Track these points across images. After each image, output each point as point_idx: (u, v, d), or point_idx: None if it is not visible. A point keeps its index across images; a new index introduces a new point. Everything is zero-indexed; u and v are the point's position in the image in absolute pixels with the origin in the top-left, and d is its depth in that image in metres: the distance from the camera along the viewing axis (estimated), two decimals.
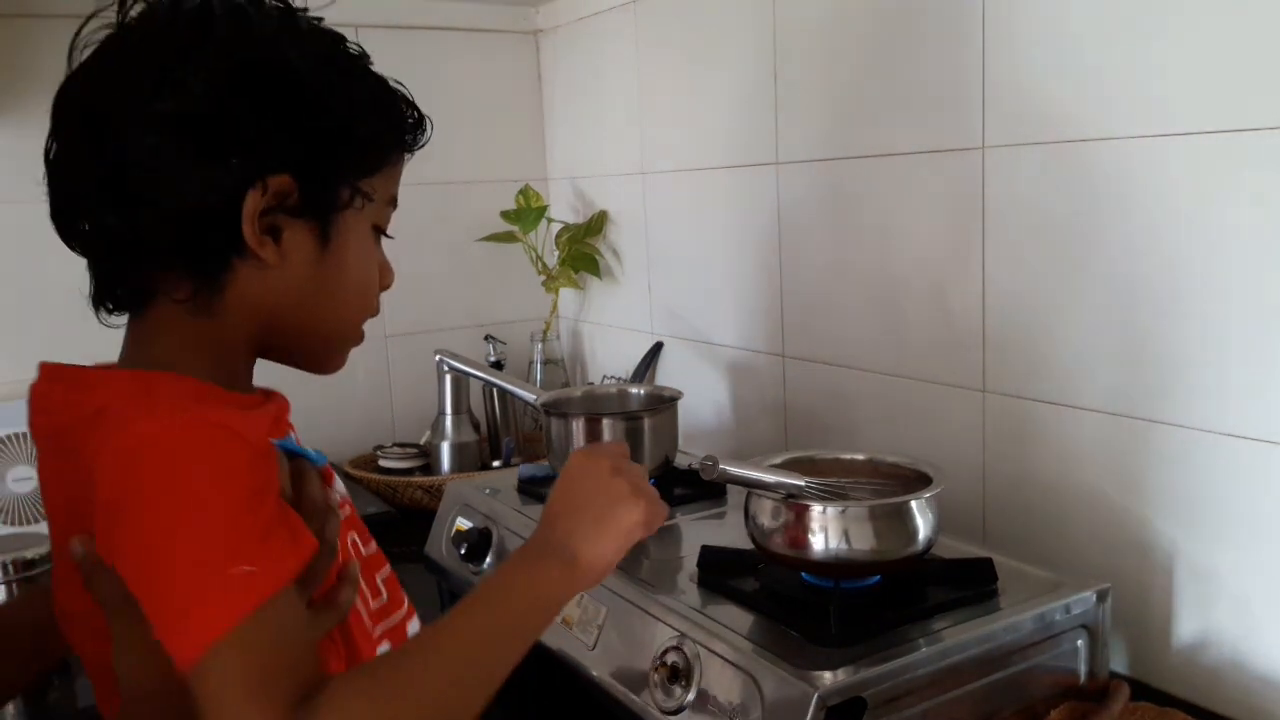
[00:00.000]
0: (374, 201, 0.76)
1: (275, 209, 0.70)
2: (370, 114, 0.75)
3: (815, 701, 0.84)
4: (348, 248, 0.75)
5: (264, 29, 0.71)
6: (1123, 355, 1.11)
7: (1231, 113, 0.98)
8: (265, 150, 0.69)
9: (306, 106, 0.71)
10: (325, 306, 0.76)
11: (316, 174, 0.72)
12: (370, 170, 0.75)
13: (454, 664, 0.68)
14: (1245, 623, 1.05)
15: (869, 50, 1.36)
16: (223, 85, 0.68)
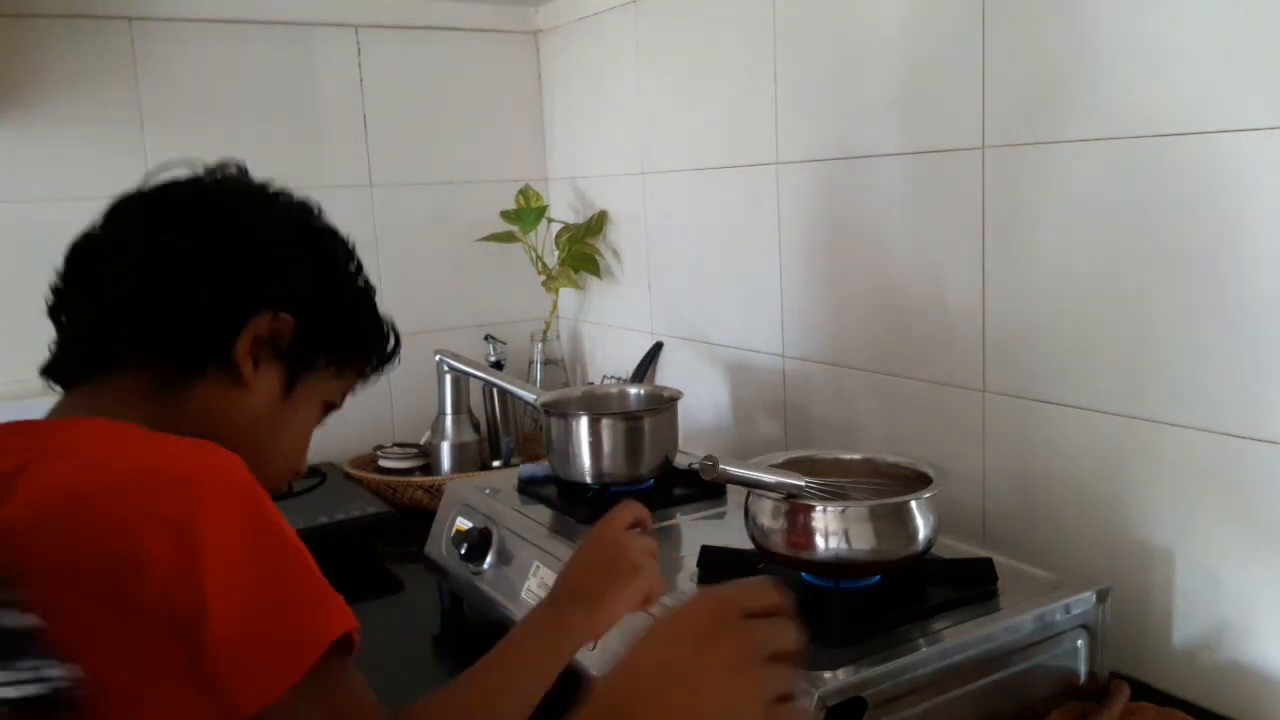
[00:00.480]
0: (336, 380, 0.87)
1: (268, 340, 0.79)
2: (369, 320, 0.88)
3: (816, 701, 0.84)
4: (300, 402, 0.84)
5: (285, 198, 0.85)
6: (1122, 355, 1.11)
7: (1238, 111, 0.98)
8: (289, 287, 0.80)
9: (328, 275, 0.83)
10: (266, 440, 0.83)
11: (310, 334, 0.81)
12: (346, 360, 0.86)
13: (498, 694, 0.81)
14: (1245, 622, 1.05)
15: (869, 50, 1.36)
16: (279, 227, 0.82)
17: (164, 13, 1.70)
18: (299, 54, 1.82)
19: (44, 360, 0.81)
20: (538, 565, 1.21)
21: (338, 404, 0.89)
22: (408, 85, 1.98)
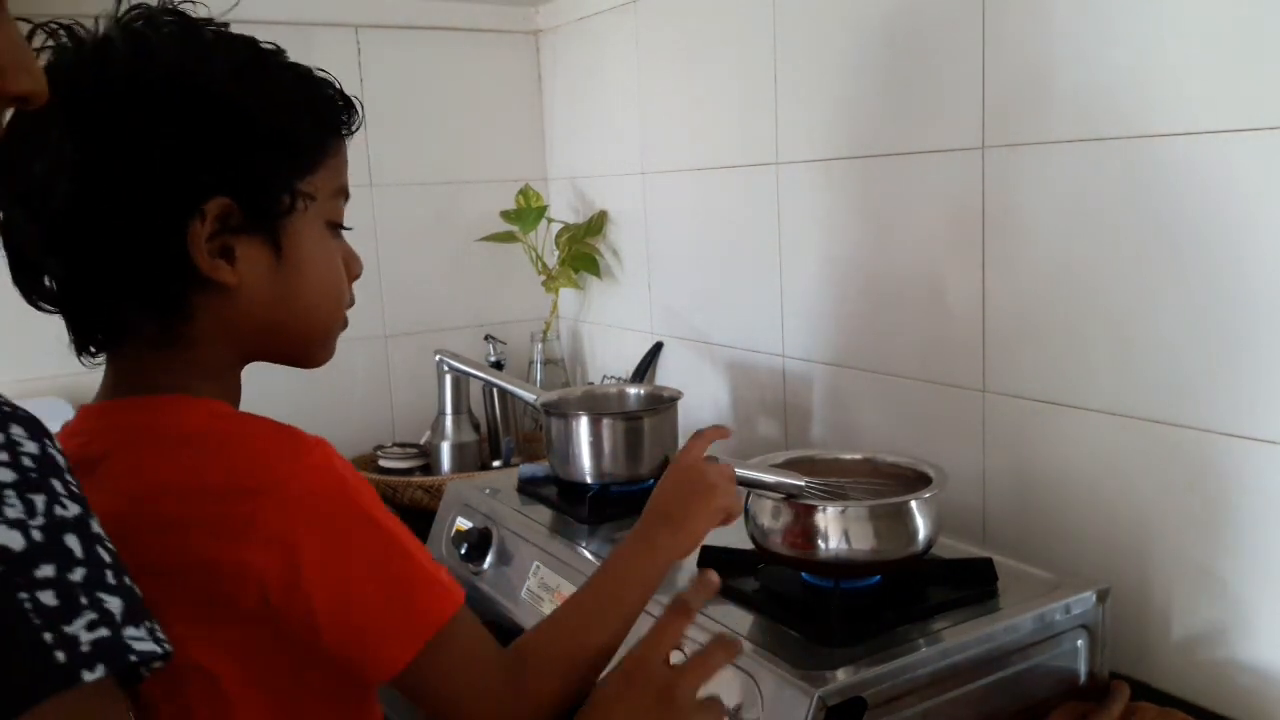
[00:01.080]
0: (318, 199, 0.76)
1: (221, 231, 0.71)
2: (293, 115, 0.74)
3: (815, 701, 0.84)
4: (302, 250, 0.76)
5: (166, 56, 0.70)
6: (1122, 355, 1.11)
7: (1238, 111, 0.98)
8: (194, 178, 0.69)
9: (225, 124, 0.70)
10: (294, 311, 0.77)
11: (253, 188, 0.72)
12: (307, 169, 0.75)
13: (602, 613, 0.84)
14: (1245, 622, 1.05)
15: (869, 50, 1.36)
16: (136, 124, 0.68)
17: None
18: (299, 54, 1.80)
19: (70, 340, 0.76)
20: (538, 565, 1.21)
21: (340, 217, 0.80)
22: (408, 85, 1.98)
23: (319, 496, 0.69)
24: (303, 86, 0.75)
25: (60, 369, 1.61)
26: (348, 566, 0.69)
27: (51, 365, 1.61)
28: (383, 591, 0.70)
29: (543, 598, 1.17)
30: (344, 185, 0.79)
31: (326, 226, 0.78)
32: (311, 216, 0.76)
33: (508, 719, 0.76)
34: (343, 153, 0.79)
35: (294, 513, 0.67)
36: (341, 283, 0.80)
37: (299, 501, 0.68)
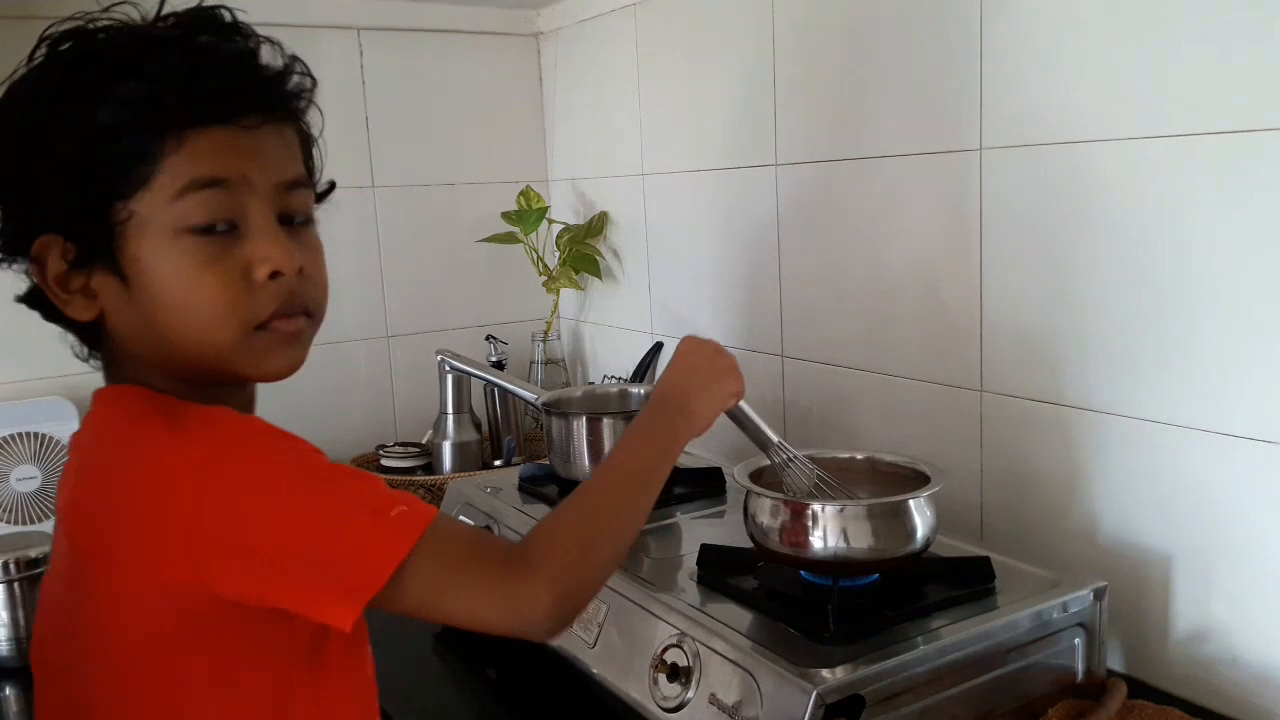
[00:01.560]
0: (149, 215, 0.68)
1: (74, 267, 0.69)
2: (101, 133, 0.66)
3: (814, 699, 0.85)
4: (146, 272, 0.68)
5: (21, 85, 0.69)
6: (1119, 355, 1.11)
7: (1230, 114, 0.99)
8: (21, 218, 0.69)
9: (31, 159, 0.67)
10: (164, 333, 0.70)
11: (72, 220, 0.67)
12: (133, 186, 0.67)
13: (617, 493, 0.82)
14: (1242, 620, 1.05)
15: (867, 53, 1.36)
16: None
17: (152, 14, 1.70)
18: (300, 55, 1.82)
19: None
20: None
21: (206, 216, 0.68)
22: (409, 87, 1.99)
23: (224, 477, 0.66)
24: (132, 90, 0.66)
25: (61, 369, 1.61)
26: (279, 532, 0.66)
27: (52, 365, 1.62)
28: (325, 553, 0.66)
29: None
30: (204, 176, 0.68)
31: (180, 234, 0.68)
32: (153, 234, 0.68)
33: (519, 605, 0.71)
34: (197, 145, 0.68)
35: (203, 493, 0.66)
36: (208, 296, 0.69)
37: (208, 480, 0.66)
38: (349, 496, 0.68)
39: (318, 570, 0.66)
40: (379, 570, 0.65)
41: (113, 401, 0.73)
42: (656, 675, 0.98)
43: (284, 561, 0.65)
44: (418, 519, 0.67)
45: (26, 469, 1.59)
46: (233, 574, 0.65)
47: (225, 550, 0.65)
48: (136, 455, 0.68)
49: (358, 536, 0.66)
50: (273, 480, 0.66)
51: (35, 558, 1.28)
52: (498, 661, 1.32)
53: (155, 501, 0.65)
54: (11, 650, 1.28)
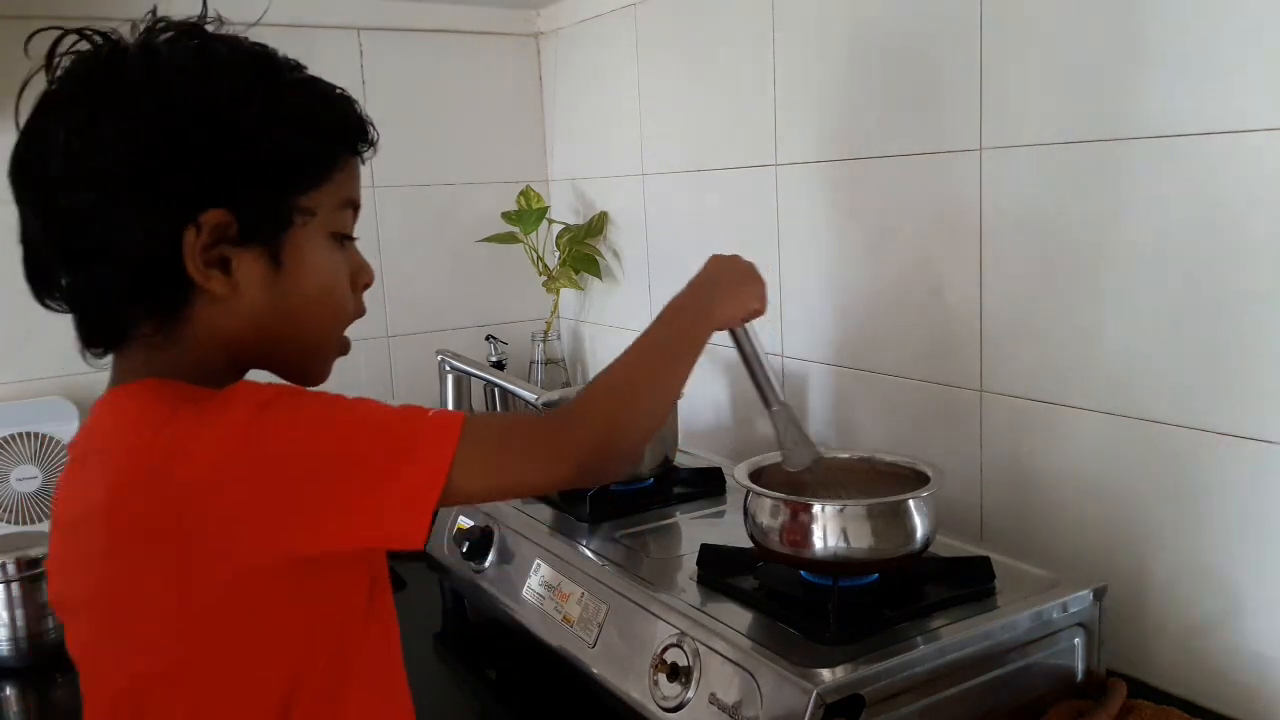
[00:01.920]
0: (321, 213, 0.76)
1: (217, 242, 0.72)
2: (299, 132, 0.74)
3: (814, 699, 0.85)
4: (302, 263, 0.76)
5: (176, 70, 0.72)
6: (1118, 355, 1.11)
7: (1224, 115, 0.99)
8: (193, 190, 0.70)
9: (227, 140, 0.71)
10: (291, 323, 0.77)
11: (251, 202, 0.72)
12: (311, 186, 0.75)
13: (645, 357, 0.90)
14: (1242, 620, 1.05)
15: (867, 53, 1.36)
16: (142, 135, 0.69)
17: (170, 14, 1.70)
18: (301, 56, 1.81)
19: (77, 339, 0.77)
20: (539, 564, 1.22)
21: (347, 228, 0.80)
22: (409, 87, 1.99)
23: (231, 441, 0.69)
24: (311, 105, 0.76)
25: (61, 369, 1.62)
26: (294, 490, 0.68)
27: (52, 365, 1.62)
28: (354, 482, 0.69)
29: (544, 595, 1.18)
30: (351, 198, 0.80)
31: (331, 238, 0.78)
32: (313, 229, 0.76)
33: (565, 447, 0.77)
34: (351, 168, 0.79)
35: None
36: (340, 293, 0.80)
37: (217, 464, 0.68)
38: (384, 415, 0.72)
39: (381, 488, 0.69)
40: (437, 468, 0.69)
41: (138, 394, 0.74)
42: (656, 675, 0.98)
43: (347, 494, 0.68)
44: (452, 416, 0.72)
45: (27, 469, 1.59)
46: (306, 525, 0.68)
47: (295, 503, 0.68)
48: (190, 434, 0.69)
49: (407, 445, 0.70)
50: (312, 422, 0.70)
51: (35, 558, 1.28)
52: (498, 661, 1.32)
53: (218, 472, 0.67)
54: (11, 650, 1.28)
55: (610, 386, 0.84)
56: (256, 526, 0.67)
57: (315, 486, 0.68)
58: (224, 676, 0.71)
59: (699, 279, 1.00)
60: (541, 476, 0.78)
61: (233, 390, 0.71)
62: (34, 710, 1.27)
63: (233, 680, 0.71)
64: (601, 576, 1.13)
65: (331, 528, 0.69)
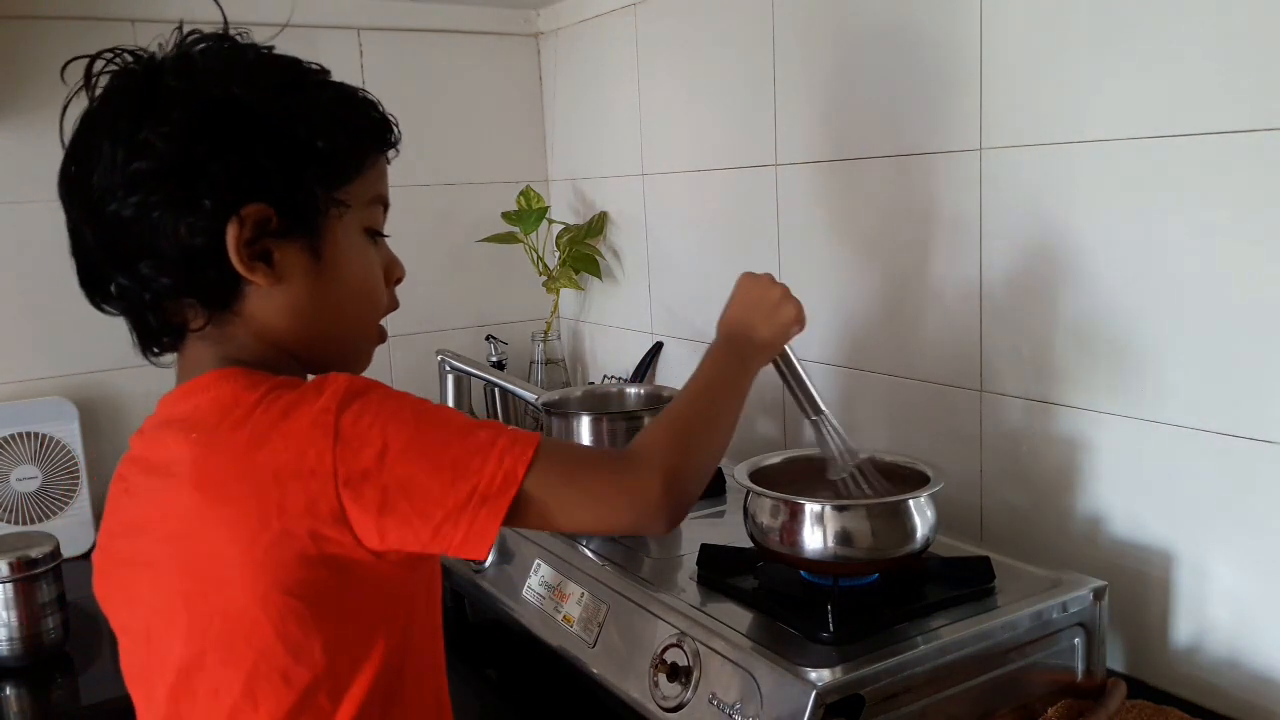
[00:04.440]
0: (354, 207, 0.80)
1: (259, 236, 0.75)
2: (330, 128, 0.78)
3: (814, 699, 0.85)
4: (340, 255, 0.80)
5: (210, 74, 0.75)
6: (1118, 355, 1.11)
7: (1225, 114, 0.99)
8: (233, 185, 0.74)
9: (263, 136, 0.75)
10: (334, 312, 0.81)
11: (290, 195, 0.76)
12: (344, 180, 0.79)
13: (702, 404, 0.89)
14: (1242, 621, 1.05)
15: (867, 53, 1.36)
16: (180, 136, 0.73)
17: (167, 15, 1.70)
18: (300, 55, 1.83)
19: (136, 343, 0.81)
20: (539, 563, 1.22)
21: (379, 223, 0.85)
22: (409, 88, 1.99)
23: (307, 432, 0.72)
24: (338, 104, 0.80)
25: (62, 369, 1.61)
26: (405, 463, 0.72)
27: (53, 365, 1.62)
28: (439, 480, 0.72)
29: (544, 595, 1.18)
30: (381, 195, 0.85)
31: (364, 233, 0.83)
32: (348, 223, 0.80)
33: (634, 494, 0.78)
34: (380, 166, 0.84)
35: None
36: (377, 285, 0.85)
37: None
38: (464, 426, 0.75)
39: (453, 498, 0.71)
40: (506, 486, 0.72)
41: (230, 376, 0.76)
42: (656, 675, 0.98)
43: (423, 499, 0.71)
44: (528, 437, 0.75)
45: (27, 469, 1.59)
46: (374, 521, 0.71)
47: (367, 498, 0.70)
48: (281, 417, 0.73)
49: (482, 459, 0.73)
50: (394, 419, 0.73)
51: (34, 558, 1.28)
52: (498, 661, 1.32)
53: (300, 460, 0.70)
54: (10, 650, 1.28)
55: (670, 438, 0.84)
56: (326, 515, 0.70)
57: (388, 484, 0.71)
58: (279, 651, 0.73)
59: (736, 312, 1.02)
60: (593, 519, 0.79)
61: (324, 379, 0.74)
62: (32, 710, 1.26)
63: (287, 656, 0.73)
64: (601, 576, 1.13)
65: (398, 526, 0.71)
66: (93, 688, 1.28)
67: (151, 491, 0.77)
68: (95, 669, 1.32)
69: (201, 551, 0.73)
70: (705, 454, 0.85)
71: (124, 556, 0.80)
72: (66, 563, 1.33)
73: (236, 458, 0.72)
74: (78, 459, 1.60)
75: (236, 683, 0.73)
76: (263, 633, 0.72)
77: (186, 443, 0.75)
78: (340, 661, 0.75)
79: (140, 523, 0.78)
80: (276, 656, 0.73)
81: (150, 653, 0.78)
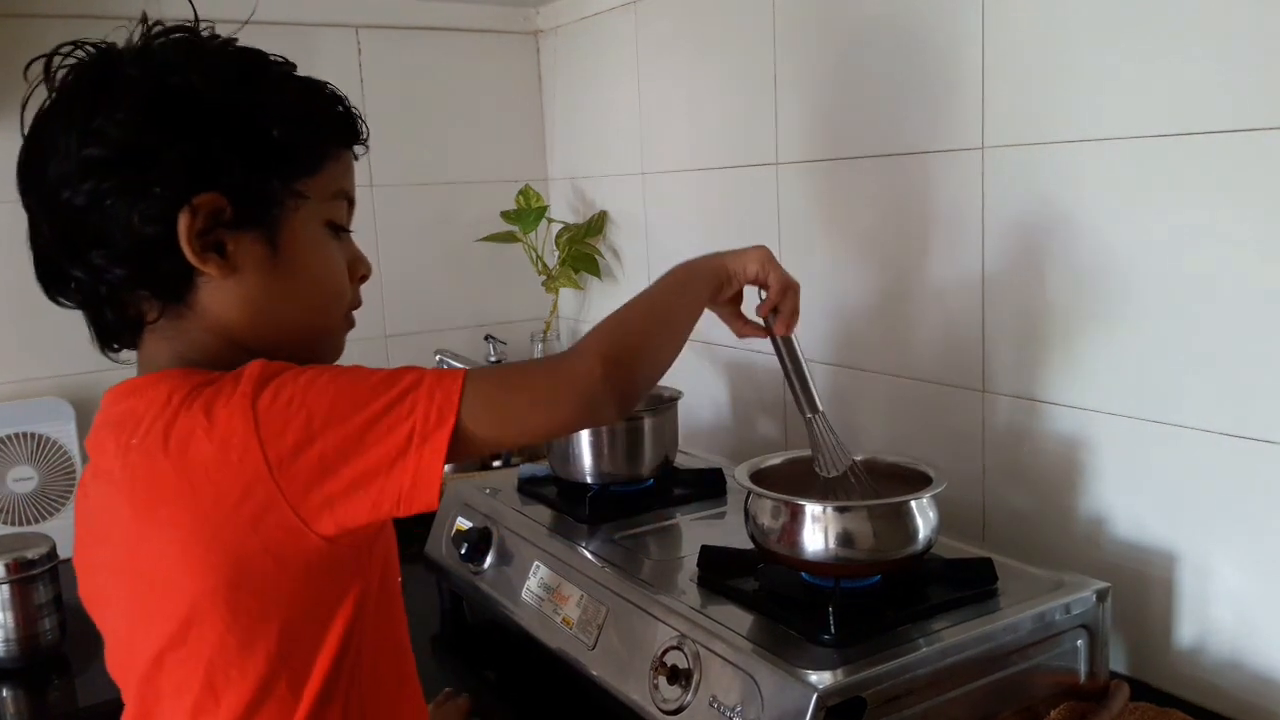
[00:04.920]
0: (314, 200, 0.79)
1: (213, 226, 0.74)
2: (289, 121, 0.77)
3: (815, 701, 0.84)
4: (298, 248, 0.79)
5: (168, 64, 0.75)
6: (1120, 355, 1.11)
7: (1234, 112, 0.98)
8: (185, 174, 0.73)
9: (219, 125, 0.74)
10: (289, 305, 0.80)
11: (245, 186, 0.75)
12: (303, 172, 0.78)
13: (646, 301, 0.90)
14: (1244, 622, 1.05)
15: (868, 51, 1.36)
16: (134, 123, 0.72)
17: (159, 14, 1.70)
18: (299, 55, 1.81)
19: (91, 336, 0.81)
20: (538, 565, 1.21)
21: (341, 217, 0.83)
22: (408, 86, 1.99)
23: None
24: (301, 97, 0.79)
25: (58, 369, 1.61)
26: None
27: (49, 366, 1.61)
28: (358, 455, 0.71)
29: (543, 597, 1.18)
30: (345, 190, 0.82)
31: (325, 227, 0.81)
32: (306, 216, 0.78)
33: (575, 381, 0.78)
34: (345, 161, 0.82)
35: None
36: (339, 281, 0.83)
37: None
38: (385, 372, 0.73)
39: (391, 445, 0.70)
40: (444, 417, 0.71)
41: (162, 379, 0.76)
42: (657, 677, 0.98)
43: (360, 455, 0.70)
44: (455, 371, 0.74)
45: (23, 469, 1.58)
46: (316, 493, 0.70)
47: (305, 473, 0.70)
48: (202, 412, 0.72)
49: (413, 400, 0.71)
50: (311, 388, 0.71)
51: (31, 559, 1.27)
52: (497, 664, 1.32)
53: (226, 451, 0.70)
54: (6, 651, 1.28)
55: (607, 329, 0.83)
56: (264, 500, 0.69)
57: (324, 452, 0.70)
58: (233, 644, 0.73)
59: (708, 258, 1.01)
60: (544, 418, 0.78)
61: (241, 369, 0.73)
62: (28, 711, 1.26)
63: (241, 649, 0.73)
64: (601, 578, 1.12)
65: (343, 493, 0.70)
66: (89, 689, 1.28)
67: (100, 497, 0.77)
68: (92, 670, 1.32)
69: (147, 554, 0.73)
70: (646, 340, 0.85)
71: (95, 562, 0.80)
72: (63, 564, 1.32)
73: (168, 459, 0.71)
74: (74, 460, 1.60)
75: (195, 679, 0.73)
76: (215, 629, 0.72)
77: (119, 447, 0.74)
78: (296, 651, 0.74)
79: (100, 530, 0.78)
80: (230, 651, 0.73)
81: (125, 653, 0.79)
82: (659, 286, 0.93)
